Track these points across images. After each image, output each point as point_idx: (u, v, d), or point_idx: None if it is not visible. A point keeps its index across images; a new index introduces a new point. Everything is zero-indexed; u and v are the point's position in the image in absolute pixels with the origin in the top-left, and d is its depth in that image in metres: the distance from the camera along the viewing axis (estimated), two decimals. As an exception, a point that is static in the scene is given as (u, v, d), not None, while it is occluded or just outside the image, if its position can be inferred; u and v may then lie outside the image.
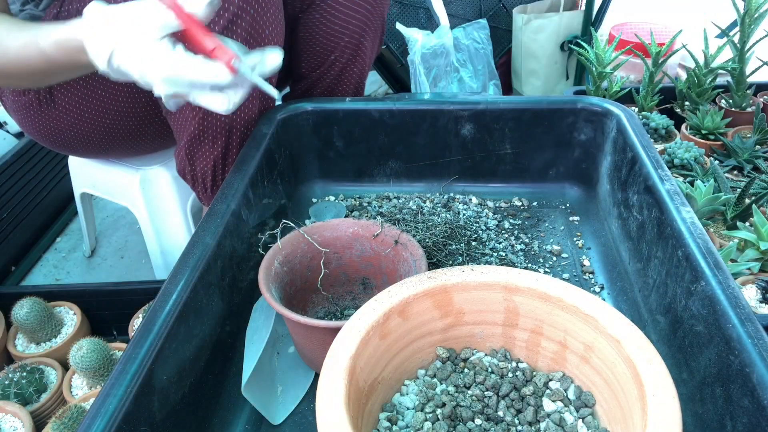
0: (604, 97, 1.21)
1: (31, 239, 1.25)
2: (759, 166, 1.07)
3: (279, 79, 0.94)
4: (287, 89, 1.01)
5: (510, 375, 0.51)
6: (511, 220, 0.83)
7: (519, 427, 0.47)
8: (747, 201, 0.91)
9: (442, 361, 0.52)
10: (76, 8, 0.74)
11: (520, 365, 0.52)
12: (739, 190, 0.92)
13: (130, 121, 0.86)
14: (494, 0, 1.71)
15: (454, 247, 0.74)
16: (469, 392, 0.49)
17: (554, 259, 0.77)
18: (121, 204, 1.05)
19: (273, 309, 0.57)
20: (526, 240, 0.80)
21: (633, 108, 1.27)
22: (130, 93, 0.82)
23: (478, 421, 0.47)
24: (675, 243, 0.58)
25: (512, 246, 0.78)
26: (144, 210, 1.01)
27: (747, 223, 0.89)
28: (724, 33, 1.15)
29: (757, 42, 1.12)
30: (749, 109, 1.20)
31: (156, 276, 1.08)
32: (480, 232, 0.80)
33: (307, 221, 0.85)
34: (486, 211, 0.85)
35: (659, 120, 1.17)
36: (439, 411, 0.47)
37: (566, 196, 0.88)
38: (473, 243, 0.77)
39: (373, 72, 1.68)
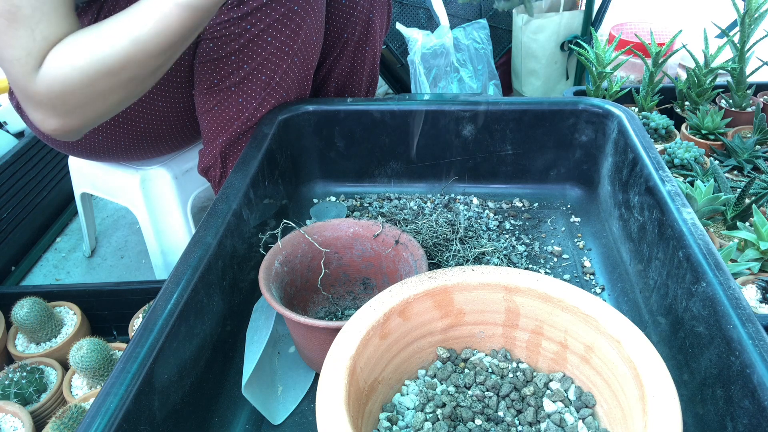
0: (604, 97, 1.21)
1: (31, 239, 1.25)
2: (759, 166, 1.07)
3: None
4: None
5: (510, 375, 0.51)
6: (512, 221, 0.83)
7: (519, 428, 0.47)
8: (747, 201, 0.91)
9: (442, 362, 0.52)
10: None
11: (521, 366, 0.52)
12: (739, 190, 0.92)
13: (163, 124, 0.87)
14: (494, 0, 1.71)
15: (454, 247, 0.74)
16: (470, 392, 0.49)
17: (555, 259, 0.77)
18: (121, 204, 1.05)
19: (273, 309, 0.57)
20: (527, 241, 0.80)
21: (633, 108, 1.28)
22: (168, 95, 0.83)
23: (478, 422, 0.47)
24: (676, 244, 0.58)
25: (513, 247, 0.78)
26: (144, 210, 1.01)
27: (747, 223, 0.89)
28: (724, 33, 1.15)
29: (757, 42, 1.12)
30: (749, 109, 1.20)
31: (156, 276, 1.08)
32: (481, 232, 0.80)
33: (307, 221, 0.85)
34: (487, 211, 0.85)
35: (659, 120, 1.17)
36: (439, 411, 0.47)
37: (567, 197, 0.88)
38: (474, 243, 0.77)
39: (374, 72, 1.67)
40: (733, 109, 1.21)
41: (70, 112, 0.62)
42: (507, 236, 0.80)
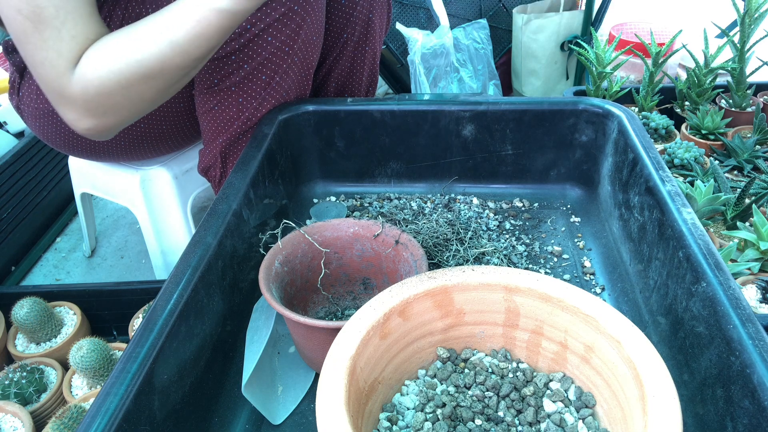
0: (604, 97, 1.21)
1: (31, 239, 1.25)
2: (759, 166, 1.07)
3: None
4: None
5: (510, 375, 0.51)
6: (512, 221, 0.83)
7: (519, 428, 0.47)
8: (747, 201, 0.91)
9: (442, 362, 0.52)
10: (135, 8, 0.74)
11: (521, 366, 0.52)
12: (739, 190, 0.92)
13: (163, 124, 0.87)
14: (494, 0, 1.71)
15: (454, 247, 0.74)
16: (470, 392, 0.49)
17: (555, 260, 0.77)
18: (121, 204, 1.05)
19: (273, 309, 0.57)
20: (527, 241, 0.80)
21: (633, 108, 1.28)
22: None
23: (478, 422, 0.47)
24: (676, 244, 0.58)
25: (513, 247, 0.78)
26: (144, 210, 1.01)
27: (747, 223, 0.89)
28: (724, 33, 1.15)
29: (757, 42, 1.12)
30: (749, 109, 1.20)
31: (156, 276, 1.08)
32: (481, 232, 0.80)
33: (308, 221, 0.85)
34: (487, 211, 0.85)
35: (659, 120, 1.17)
36: (439, 411, 0.47)
37: (567, 197, 0.88)
38: (474, 243, 0.77)
39: (374, 72, 1.67)
40: (733, 109, 1.21)
41: (105, 113, 0.62)
42: (507, 236, 0.80)
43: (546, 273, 0.74)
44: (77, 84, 0.60)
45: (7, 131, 1.28)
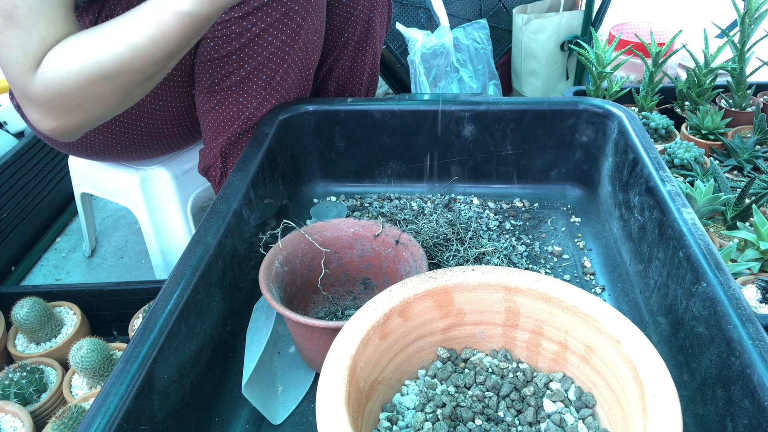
0: (604, 97, 1.21)
1: (31, 239, 1.25)
2: (759, 166, 1.07)
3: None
4: None
5: (510, 375, 0.51)
6: (512, 221, 0.83)
7: (519, 428, 0.47)
8: (747, 201, 0.91)
9: (442, 362, 0.52)
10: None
11: (521, 366, 0.52)
12: (739, 190, 0.92)
13: (163, 124, 0.87)
14: (494, 0, 1.71)
15: (454, 247, 0.74)
16: (470, 392, 0.49)
17: (555, 260, 0.77)
18: (121, 204, 1.05)
19: (273, 309, 0.57)
20: (527, 241, 0.80)
21: (633, 108, 1.28)
22: (169, 95, 0.83)
23: (478, 422, 0.47)
24: (676, 244, 0.58)
25: (513, 247, 0.78)
26: (144, 210, 1.01)
27: (747, 223, 0.89)
28: (724, 33, 1.15)
29: (757, 42, 1.12)
30: (749, 109, 1.20)
31: (156, 276, 1.08)
32: (481, 232, 0.80)
33: (308, 221, 0.85)
34: (487, 211, 0.85)
35: (659, 120, 1.17)
36: (439, 411, 0.47)
37: (567, 198, 0.88)
38: (474, 243, 0.77)
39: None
40: (733, 109, 1.21)
41: (67, 114, 0.62)
42: (507, 236, 0.80)
43: (546, 273, 0.74)
44: (39, 83, 0.59)
45: (7, 131, 1.28)
